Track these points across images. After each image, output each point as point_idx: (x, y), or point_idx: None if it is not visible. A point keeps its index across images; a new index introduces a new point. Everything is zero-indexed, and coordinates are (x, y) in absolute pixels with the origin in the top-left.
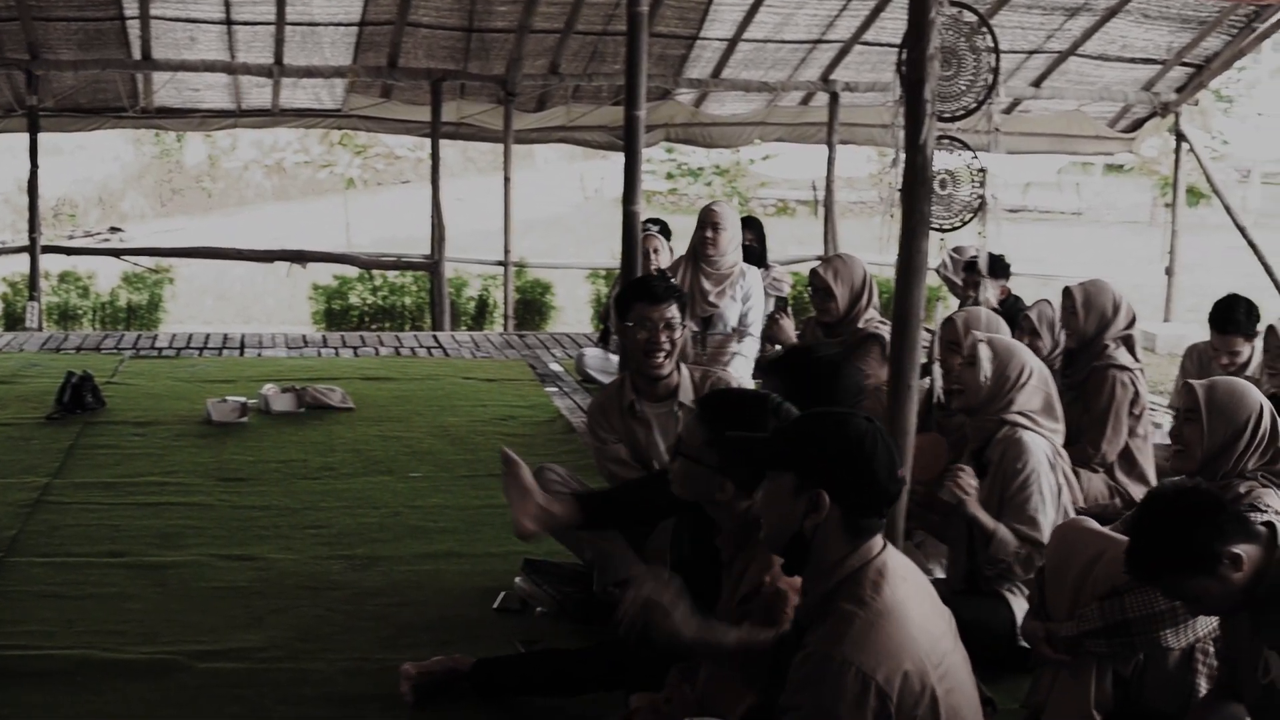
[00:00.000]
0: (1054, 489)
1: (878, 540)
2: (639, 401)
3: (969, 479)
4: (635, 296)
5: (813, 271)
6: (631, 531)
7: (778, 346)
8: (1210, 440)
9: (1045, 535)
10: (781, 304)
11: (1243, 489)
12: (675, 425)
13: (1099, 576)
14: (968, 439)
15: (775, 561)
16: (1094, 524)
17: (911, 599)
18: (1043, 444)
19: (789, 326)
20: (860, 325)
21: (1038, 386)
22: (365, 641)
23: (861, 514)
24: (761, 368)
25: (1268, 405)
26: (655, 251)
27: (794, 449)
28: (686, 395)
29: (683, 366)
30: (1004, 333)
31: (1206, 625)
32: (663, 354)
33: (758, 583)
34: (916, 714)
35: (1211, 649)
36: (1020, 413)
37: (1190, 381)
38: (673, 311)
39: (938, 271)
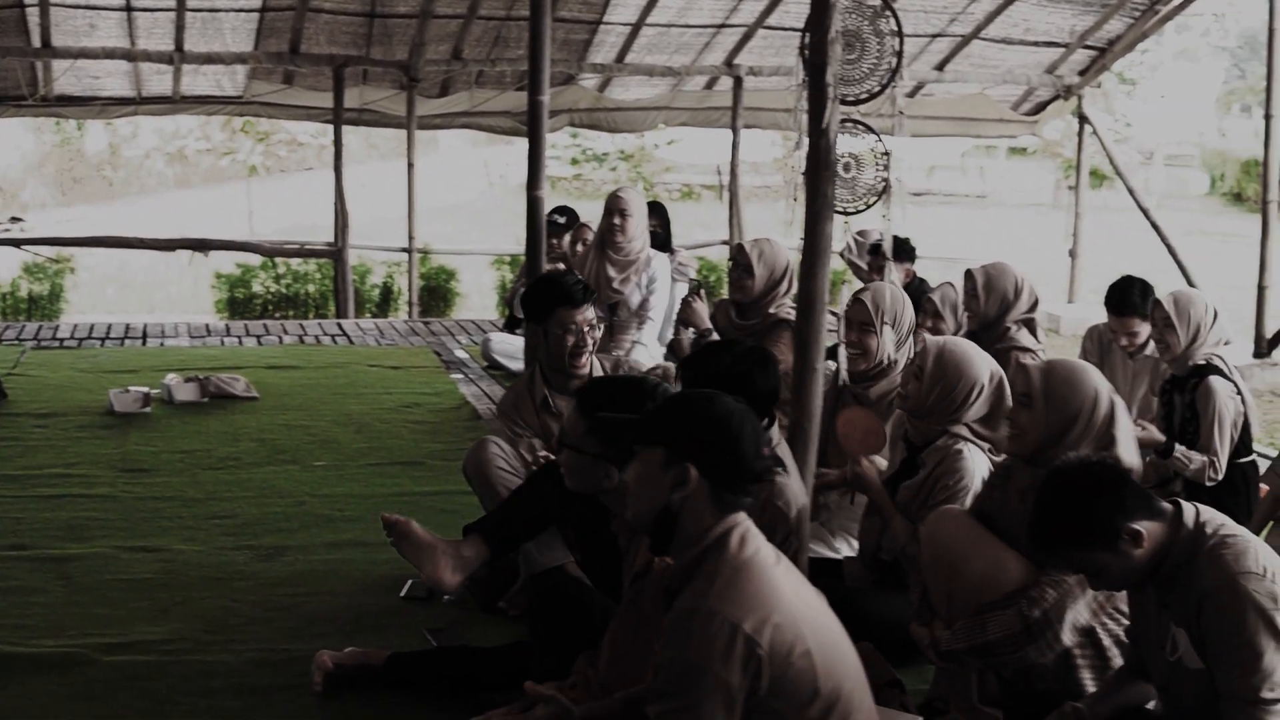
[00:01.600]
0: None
1: (743, 514)
2: (552, 395)
3: (869, 469)
4: (555, 301)
5: (738, 246)
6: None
7: (691, 330)
8: (1043, 428)
9: None
10: (696, 286)
11: None
12: None
13: (968, 588)
14: (906, 430)
15: None
16: (966, 519)
17: (776, 562)
18: (983, 462)
19: (703, 310)
20: (772, 310)
21: (988, 398)
22: (272, 632)
23: (728, 488)
24: (682, 361)
25: (1105, 389)
26: (585, 242)
27: (663, 425)
28: None
29: (594, 357)
30: (908, 311)
31: (1073, 637)
32: (586, 354)
33: (648, 560)
34: (791, 663)
35: (1089, 643)
36: (966, 424)
37: (1025, 364)
38: (591, 312)
39: (842, 255)
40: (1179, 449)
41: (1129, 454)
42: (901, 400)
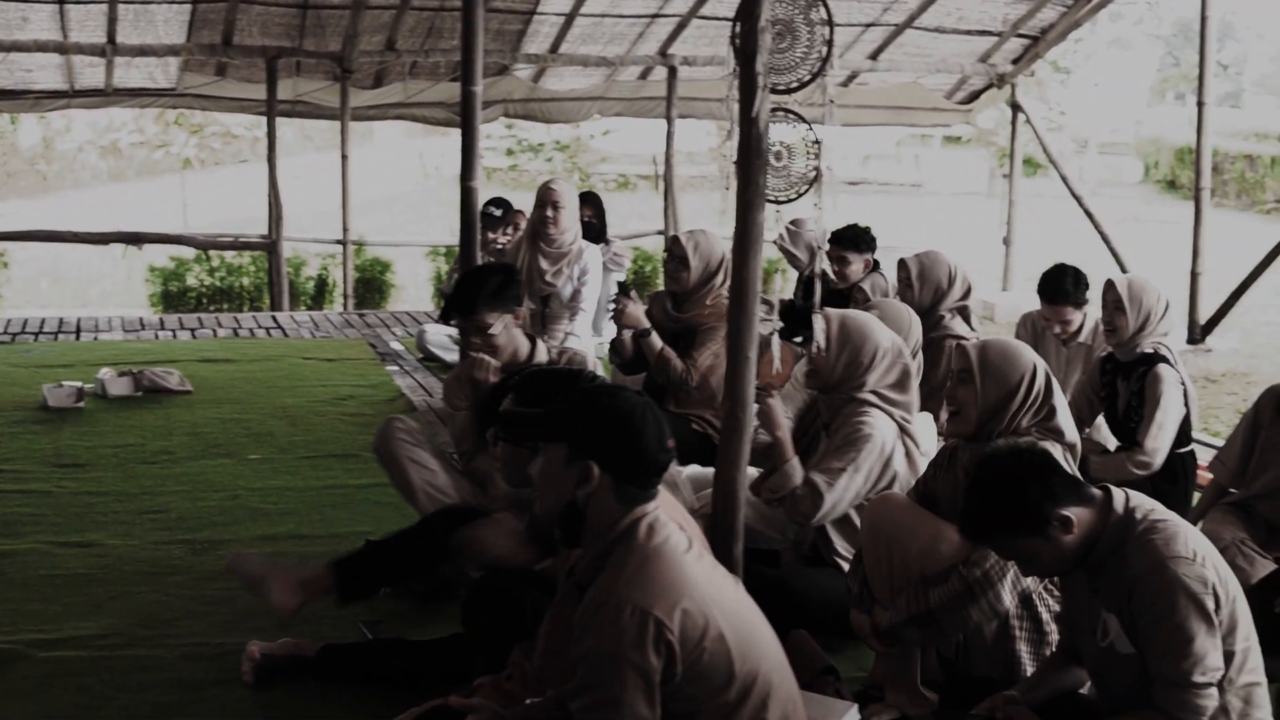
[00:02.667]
0: (874, 468)
1: (651, 504)
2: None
3: (776, 404)
4: (450, 306)
5: (673, 238)
6: None
7: (627, 332)
8: (984, 401)
9: (835, 490)
10: (625, 288)
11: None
12: None
13: (909, 564)
14: (820, 420)
15: None
16: (906, 502)
17: (688, 549)
18: (888, 426)
19: (638, 311)
20: (709, 303)
21: (893, 363)
22: (206, 626)
23: (631, 483)
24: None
25: (1040, 364)
26: (516, 227)
27: (564, 423)
28: None
29: (539, 342)
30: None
31: (1013, 601)
32: (482, 357)
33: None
34: (703, 647)
35: (1026, 615)
36: (873, 391)
37: (962, 343)
38: (484, 319)
39: (776, 244)
40: (1095, 460)
41: (1068, 426)
42: (811, 378)
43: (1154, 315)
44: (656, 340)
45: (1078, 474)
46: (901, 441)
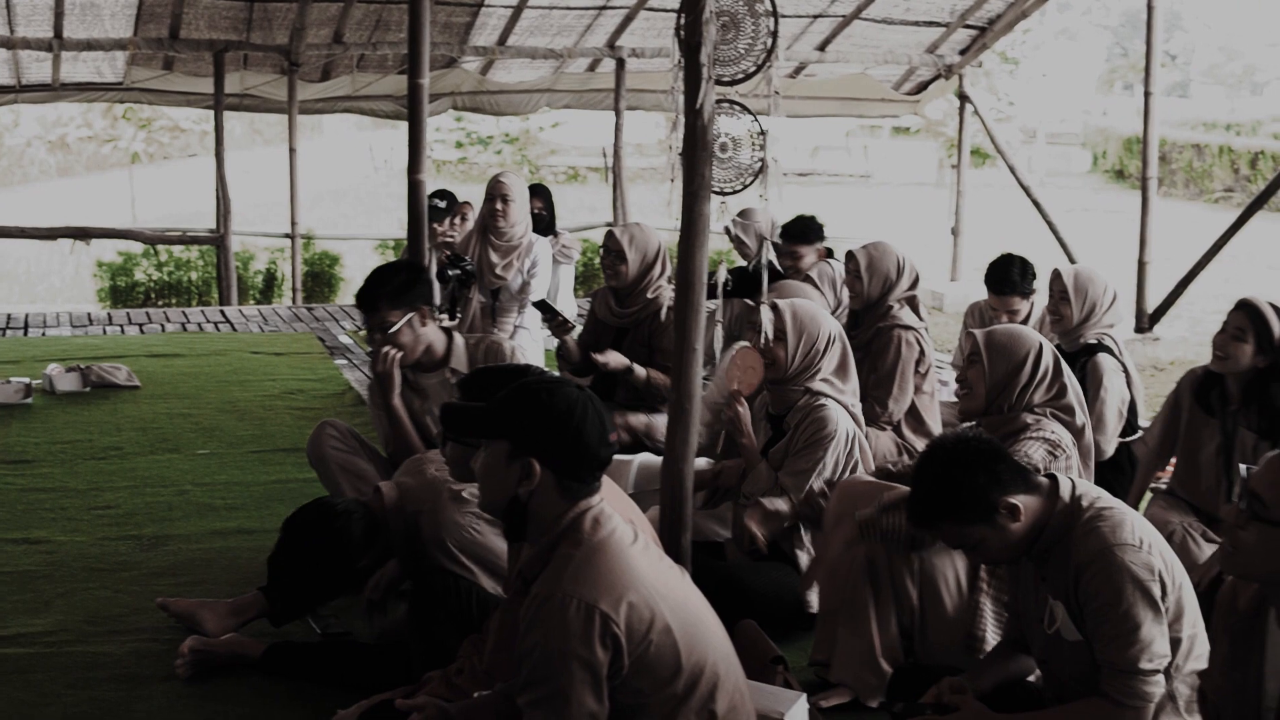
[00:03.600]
0: (839, 462)
1: (594, 496)
2: (411, 372)
3: (745, 412)
4: (357, 304)
5: (609, 233)
6: None
7: (570, 337)
8: (991, 377)
9: (802, 496)
10: (544, 307)
11: (1029, 419)
12: (449, 393)
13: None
14: (766, 408)
15: None
16: (870, 478)
17: (633, 541)
18: (845, 417)
19: (615, 356)
20: (650, 295)
21: (837, 348)
22: (154, 622)
23: (574, 478)
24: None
25: (1048, 345)
26: (463, 217)
27: (505, 419)
28: (460, 362)
29: (456, 335)
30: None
31: None
32: (385, 351)
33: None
34: (650, 640)
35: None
36: (823, 379)
37: (973, 330)
38: (387, 316)
39: (726, 231)
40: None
41: (1080, 406)
42: (768, 369)
43: (1100, 306)
44: (640, 371)
45: (1089, 459)
46: (854, 436)
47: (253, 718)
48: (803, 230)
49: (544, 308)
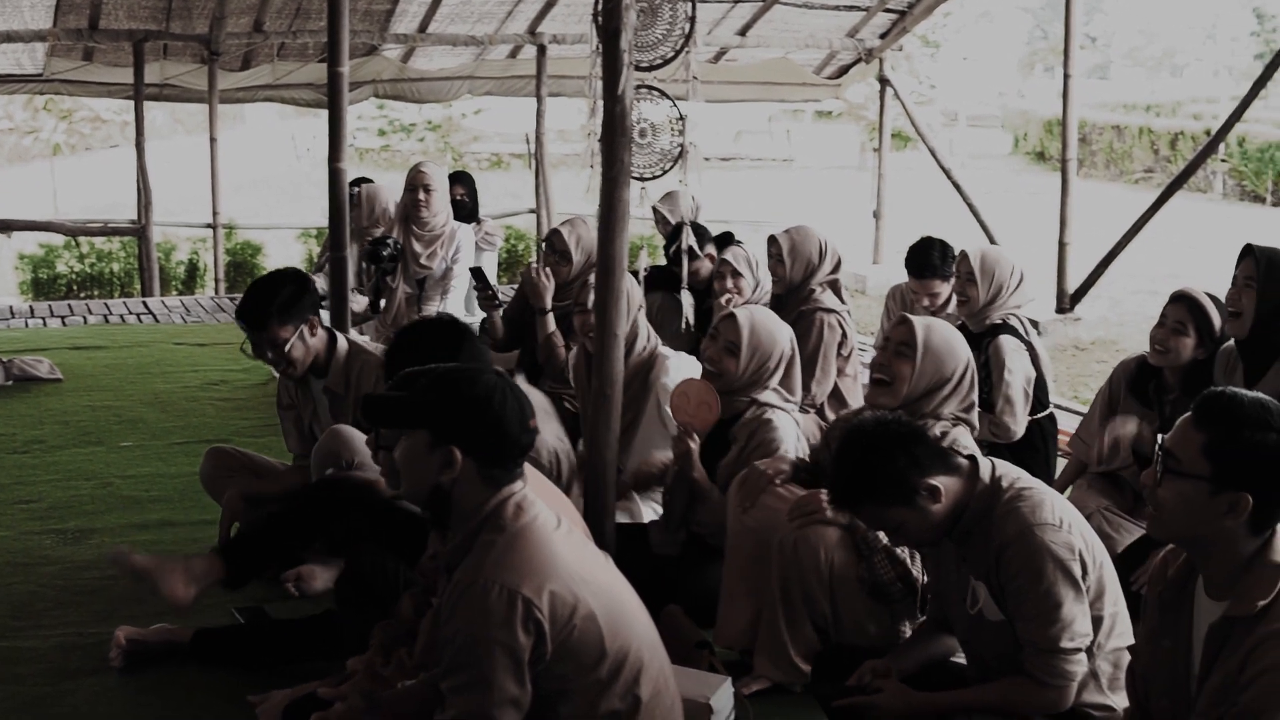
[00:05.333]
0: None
1: (517, 483)
2: (308, 375)
3: (693, 443)
4: (238, 316)
5: (554, 231)
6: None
7: (498, 313)
8: (919, 381)
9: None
10: (478, 274)
11: (938, 430)
12: (327, 401)
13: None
14: None
15: None
16: (764, 472)
17: (556, 527)
18: (792, 428)
19: (542, 286)
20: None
21: (785, 363)
22: (80, 615)
23: (495, 465)
24: (391, 342)
25: (972, 359)
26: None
27: (424, 408)
28: (334, 376)
29: (338, 337)
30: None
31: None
32: (281, 367)
33: None
34: (573, 625)
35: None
36: (773, 390)
37: (909, 316)
38: (277, 333)
39: (655, 207)
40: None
41: (975, 419)
42: (712, 379)
43: (1006, 288)
44: (550, 321)
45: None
46: (800, 444)
47: (181, 706)
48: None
49: (478, 275)
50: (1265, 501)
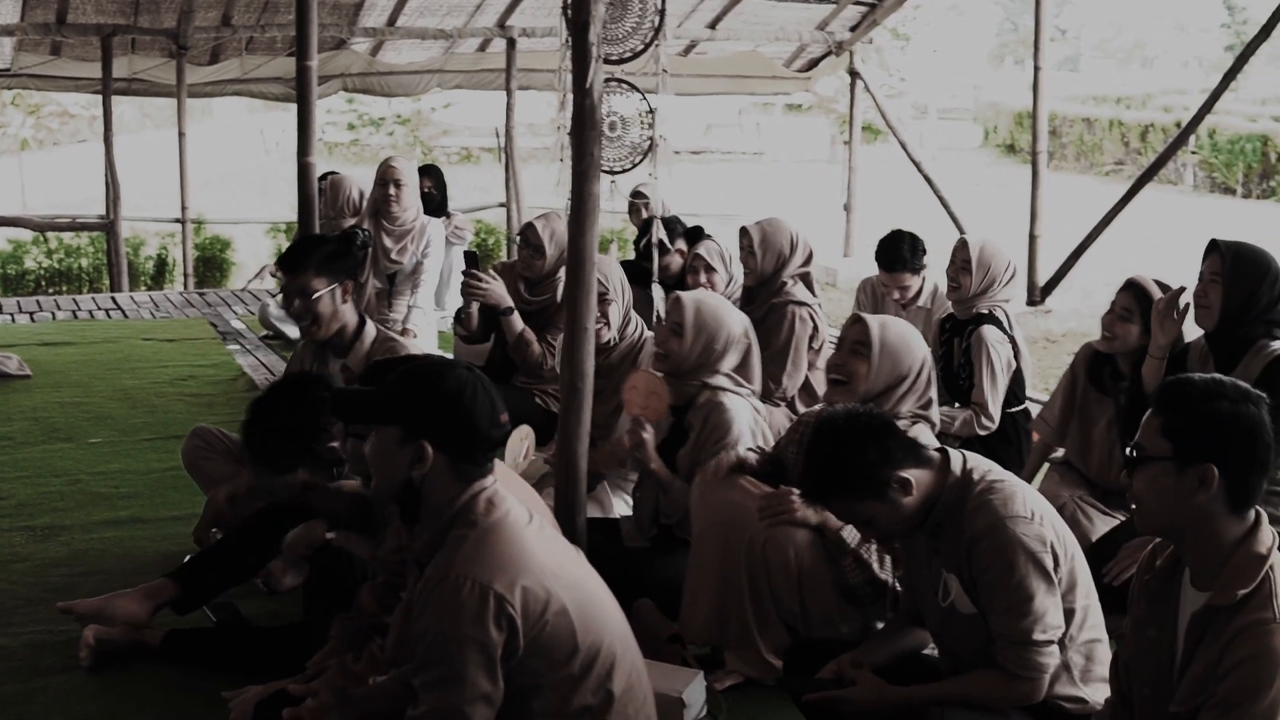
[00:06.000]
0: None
1: (488, 478)
2: (327, 352)
3: (646, 434)
4: (279, 261)
5: (528, 225)
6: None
7: (474, 305)
8: (875, 379)
9: None
10: (472, 259)
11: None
12: (342, 380)
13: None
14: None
15: None
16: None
17: (528, 521)
18: (746, 409)
19: (500, 289)
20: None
21: (740, 346)
22: (50, 613)
23: (466, 459)
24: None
25: (929, 356)
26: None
27: (395, 403)
28: (355, 356)
29: (369, 322)
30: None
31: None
32: (305, 323)
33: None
34: (545, 621)
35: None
36: (724, 374)
37: (862, 315)
38: (310, 282)
39: (636, 191)
40: (943, 410)
41: (937, 415)
42: (661, 361)
43: (998, 280)
44: (518, 321)
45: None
46: (757, 429)
47: (151, 705)
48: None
49: (471, 259)
50: (1233, 471)
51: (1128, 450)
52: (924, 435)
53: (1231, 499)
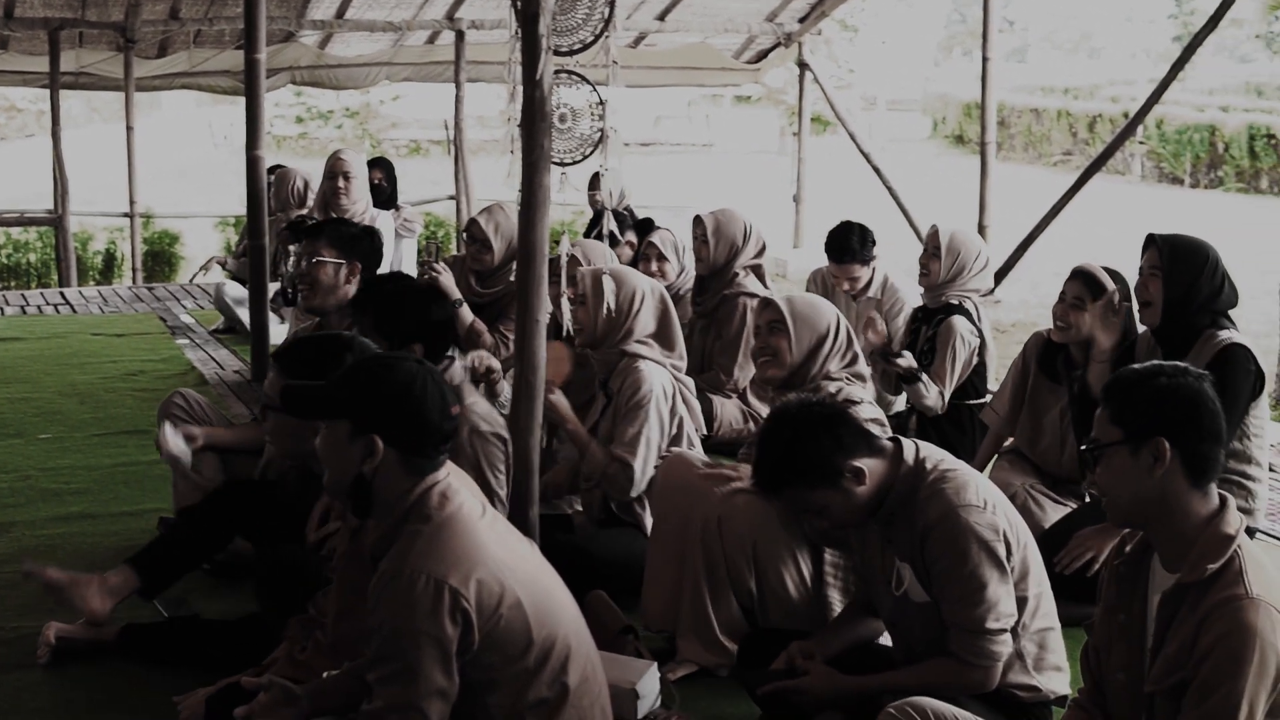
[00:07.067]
0: (664, 418)
1: (440, 471)
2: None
3: (560, 399)
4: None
5: (472, 221)
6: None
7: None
8: (799, 347)
9: (640, 458)
10: (434, 252)
11: (833, 388)
12: None
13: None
14: (596, 377)
15: None
16: (696, 458)
17: (482, 515)
18: (661, 374)
19: (449, 281)
20: (514, 278)
21: (651, 309)
22: (1, 611)
23: (417, 453)
24: (354, 302)
25: (842, 316)
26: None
27: (345, 397)
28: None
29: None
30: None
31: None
32: (304, 287)
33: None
34: (500, 614)
35: (843, 563)
36: (639, 341)
37: (766, 297)
38: (321, 248)
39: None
40: (924, 377)
41: (868, 370)
42: (578, 334)
43: (967, 269)
44: (467, 313)
45: (881, 414)
46: (676, 387)
47: (105, 702)
48: (642, 222)
49: (433, 250)
50: (1184, 442)
51: (1084, 449)
52: (858, 392)
53: (1190, 471)
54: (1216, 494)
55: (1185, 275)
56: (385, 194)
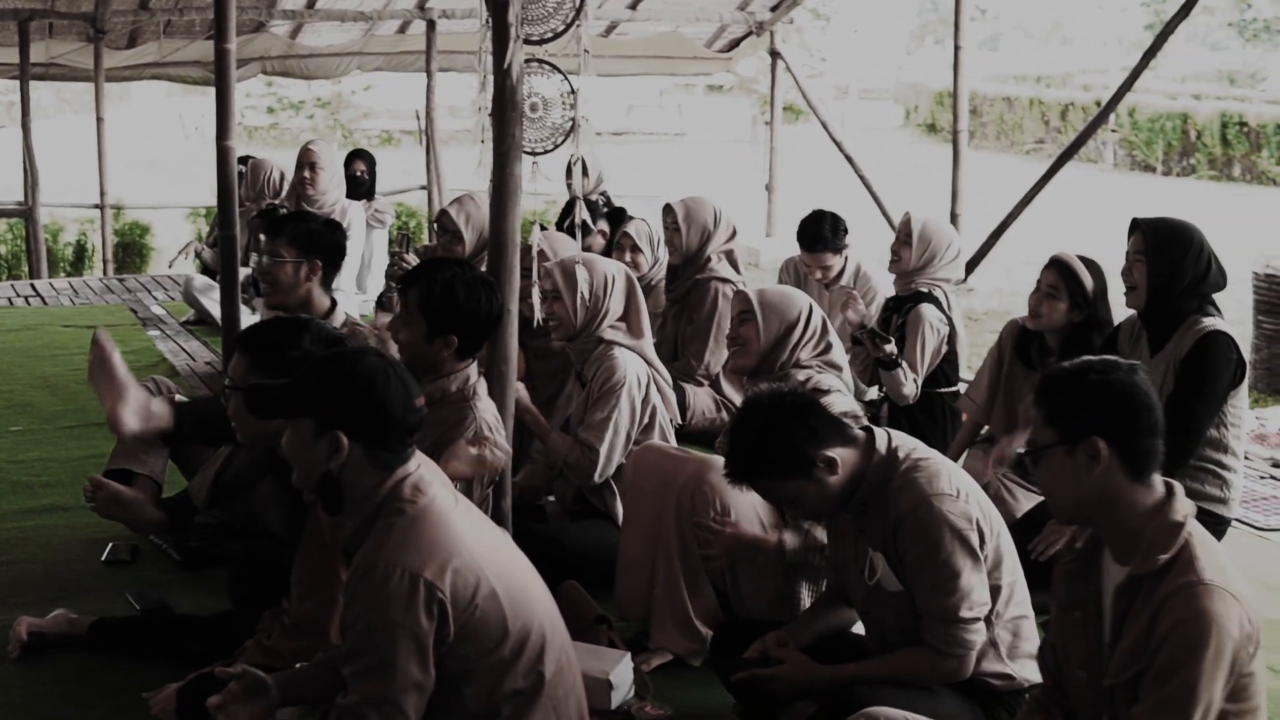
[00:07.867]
0: (635, 406)
1: (410, 463)
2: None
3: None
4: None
5: (443, 211)
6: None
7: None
8: (766, 335)
9: (606, 443)
10: (406, 243)
11: (802, 377)
12: None
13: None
14: (575, 368)
15: None
16: (666, 447)
17: (454, 505)
18: (635, 361)
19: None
20: (486, 269)
21: (620, 291)
22: None
23: (382, 447)
24: (405, 276)
25: (815, 305)
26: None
27: (307, 396)
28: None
29: (340, 308)
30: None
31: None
32: (266, 286)
33: None
34: (475, 605)
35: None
36: (612, 326)
37: (739, 289)
38: (279, 247)
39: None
40: (904, 364)
41: (843, 360)
42: (556, 330)
43: (938, 258)
44: None
45: (855, 405)
46: (651, 375)
47: (77, 695)
48: (616, 214)
49: (404, 240)
50: (1119, 438)
51: (1020, 454)
52: (828, 380)
53: (1128, 466)
54: (1161, 483)
55: (1169, 258)
56: (365, 185)
